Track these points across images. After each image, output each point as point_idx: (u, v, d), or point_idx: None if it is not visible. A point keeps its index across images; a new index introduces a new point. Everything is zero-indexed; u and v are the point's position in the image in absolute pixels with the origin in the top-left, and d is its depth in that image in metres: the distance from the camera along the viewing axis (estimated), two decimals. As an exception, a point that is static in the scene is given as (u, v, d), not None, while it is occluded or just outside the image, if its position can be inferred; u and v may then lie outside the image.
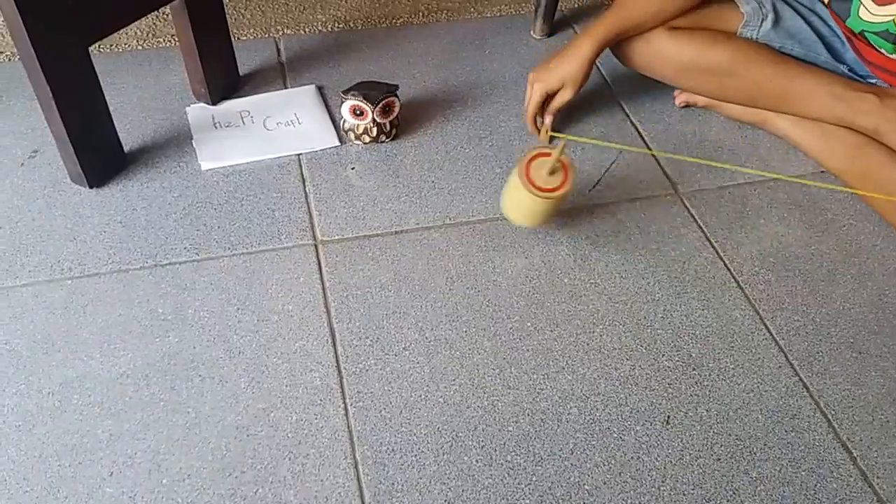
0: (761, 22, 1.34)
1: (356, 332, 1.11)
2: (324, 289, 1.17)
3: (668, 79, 1.43)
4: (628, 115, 1.48)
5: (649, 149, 1.41)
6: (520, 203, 1.16)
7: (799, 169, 1.37)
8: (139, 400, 1.03)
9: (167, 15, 1.66)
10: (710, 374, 1.07)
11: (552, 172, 1.11)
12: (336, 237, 1.24)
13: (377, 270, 1.19)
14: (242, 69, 1.54)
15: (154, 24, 1.65)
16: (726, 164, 1.35)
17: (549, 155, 1.11)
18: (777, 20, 1.34)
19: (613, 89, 1.53)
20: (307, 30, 1.67)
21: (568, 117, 1.46)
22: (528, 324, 1.13)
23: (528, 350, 1.09)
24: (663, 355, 1.09)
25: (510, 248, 1.23)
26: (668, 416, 1.03)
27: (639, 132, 1.44)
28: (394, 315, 1.13)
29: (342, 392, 1.05)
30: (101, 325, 1.11)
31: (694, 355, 1.10)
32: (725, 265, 1.22)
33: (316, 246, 1.23)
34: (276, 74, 1.55)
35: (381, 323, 1.12)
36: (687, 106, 1.47)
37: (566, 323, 1.13)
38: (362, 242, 1.24)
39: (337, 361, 1.08)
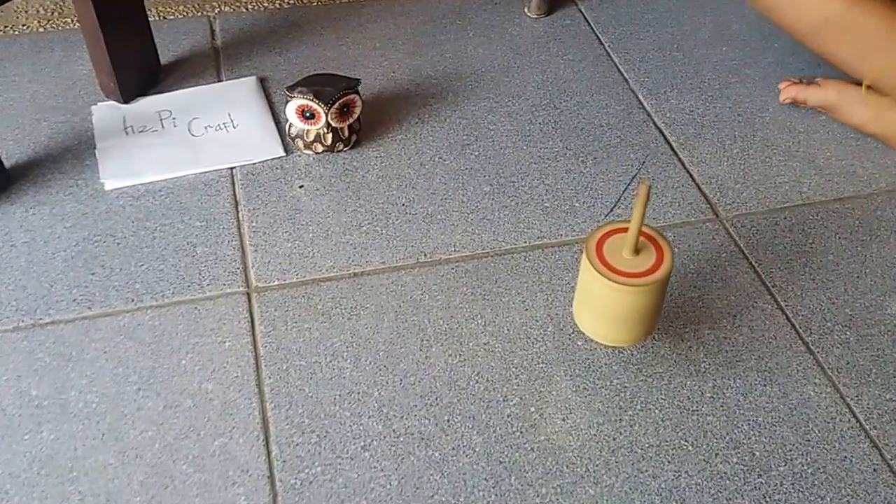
0: None
1: (298, 423, 0.81)
2: (256, 358, 0.87)
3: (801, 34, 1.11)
4: (650, 116, 1.18)
5: (679, 159, 1.11)
6: (599, 303, 0.79)
7: (870, 186, 1.08)
8: (-10, 532, 0.73)
9: (75, -12, 1.34)
10: (782, 482, 0.79)
11: (637, 251, 0.78)
12: (276, 282, 0.94)
13: (330, 330, 0.90)
14: (166, 56, 1.23)
15: (59, -1, 1.34)
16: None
17: (625, 229, 0.78)
18: None
19: (628, 78, 1.24)
20: (250, 6, 1.36)
21: (566, 113, 1.17)
22: (532, 408, 0.83)
23: (533, 450, 0.80)
24: (717, 454, 0.81)
25: (505, 295, 0.94)
26: (730, 547, 0.74)
27: (664, 137, 1.15)
28: (350, 396, 0.84)
29: (277, 514, 0.75)
30: (-55, 418, 0.81)
31: (758, 454, 0.81)
32: (788, 319, 0.93)
33: (248, 295, 0.93)
34: (208, 63, 1.24)
35: (333, 408, 0.83)
36: (795, 104, 1.17)
37: (583, 407, 0.84)
38: (311, 290, 0.94)
39: (270, 469, 0.78)
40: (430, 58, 1.27)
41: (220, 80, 1.21)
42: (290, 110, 1.06)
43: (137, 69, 1.17)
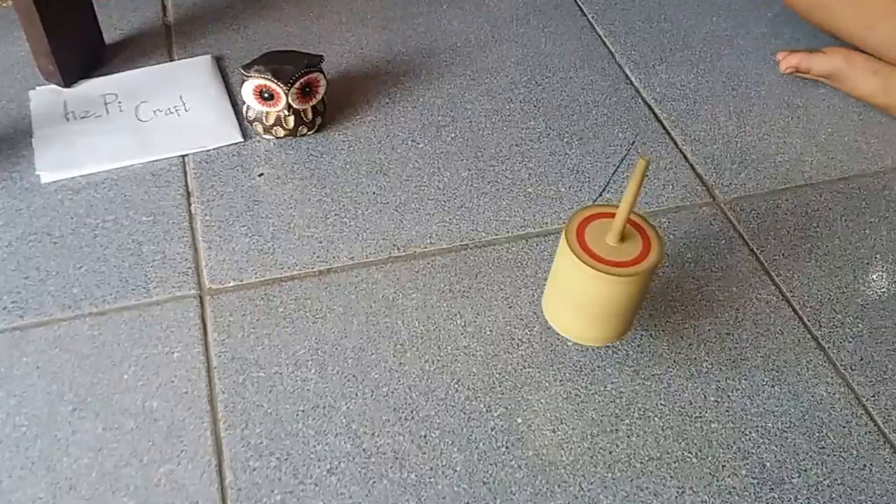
0: None
1: (255, 445, 0.73)
2: (209, 370, 0.78)
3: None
4: (639, 92, 1.09)
5: (671, 137, 1.03)
6: (581, 294, 0.71)
7: (876, 163, 1.00)
8: None
9: (12, -38, 1.23)
10: (796, 496, 0.71)
11: (623, 238, 0.70)
12: (231, 283, 0.85)
13: (292, 336, 0.81)
14: (112, 35, 1.13)
15: (-7, -26, 1.23)
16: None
17: (611, 214, 0.70)
18: None
19: (614, 52, 1.15)
20: (204, -20, 1.25)
21: (548, 90, 1.08)
22: (519, 419, 0.75)
23: (520, 467, 0.72)
24: (723, 467, 0.72)
25: (487, 291, 0.85)
26: (742, 574, 0.67)
27: (654, 114, 1.06)
28: (314, 412, 0.75)
29: (233, 549, 0.67)
30: None
31: (769, 465, 0.73)
32: (795, 311, 0.85)
33: (201, 298, 0.84)
34: (158, 41, 1.14)
35: (295, 426, 0.74)
36: (796, 73, 1.09)
37: (575, 416, 0.75)
38: (271, 290, 0.85)
39: (223, 498, 0.69)
40: (401, 32, 1.17)
41: (171, 60, 1.11)
42: (247, 91, 0.97)
43: (79, 49, 1.07)
